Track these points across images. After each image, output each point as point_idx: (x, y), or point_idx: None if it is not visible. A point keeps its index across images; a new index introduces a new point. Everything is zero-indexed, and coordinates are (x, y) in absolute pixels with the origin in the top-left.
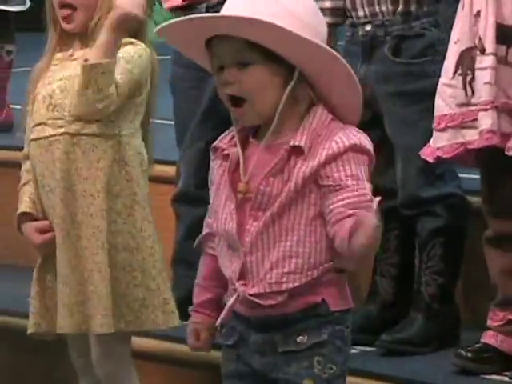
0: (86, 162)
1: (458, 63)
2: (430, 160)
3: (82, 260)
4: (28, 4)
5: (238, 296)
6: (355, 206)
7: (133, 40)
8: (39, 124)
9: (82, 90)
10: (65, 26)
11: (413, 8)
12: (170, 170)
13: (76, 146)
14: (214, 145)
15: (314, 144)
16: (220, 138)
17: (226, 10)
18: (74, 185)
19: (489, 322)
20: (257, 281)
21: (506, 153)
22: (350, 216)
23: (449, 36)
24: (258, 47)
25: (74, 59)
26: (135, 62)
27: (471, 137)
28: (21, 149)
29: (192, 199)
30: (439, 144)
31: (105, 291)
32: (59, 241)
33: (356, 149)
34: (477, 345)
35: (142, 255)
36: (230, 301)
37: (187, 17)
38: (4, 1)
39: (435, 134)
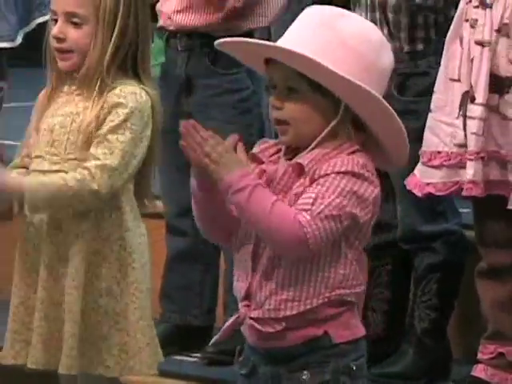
0: None
1: (461, 105)
2: (418, 194)
3: (62, 298)
4: (19, 41)
5: (238, 317)
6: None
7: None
8: (38, 156)
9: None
10: (61, 65)
11: (419, 47)
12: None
13: None
14: (254, 152)
15: (320, 166)
16: (262, 147)
17: (288, 34)
18: (60, 223)
19: (479, 355)
20: (258, 305)
21: (509, 207)
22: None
23: None
24: (307, 77)
25: (78, 94)
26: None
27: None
28: None
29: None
30: (430, 180)
31: (71, 332)
32: (43, 277)
33: (345, 173)
34: (467, 378)
35: (126, 301)
36: (229, 321)
37: (249, 40)
38: None
39: (424, 168)
